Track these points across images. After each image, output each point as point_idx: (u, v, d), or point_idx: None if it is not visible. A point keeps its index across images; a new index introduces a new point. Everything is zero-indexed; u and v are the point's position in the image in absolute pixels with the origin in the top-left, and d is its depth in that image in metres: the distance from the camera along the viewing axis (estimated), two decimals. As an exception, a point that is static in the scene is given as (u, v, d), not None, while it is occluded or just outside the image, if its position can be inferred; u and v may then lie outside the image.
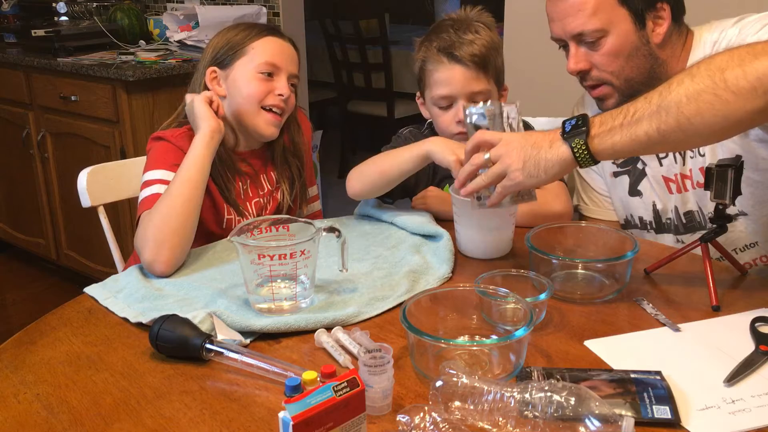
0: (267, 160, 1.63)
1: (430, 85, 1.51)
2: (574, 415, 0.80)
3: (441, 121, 1.52)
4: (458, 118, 1.48)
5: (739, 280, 1.25)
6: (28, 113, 3.18)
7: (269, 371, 0.96)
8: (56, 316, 1.17)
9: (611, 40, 1.34)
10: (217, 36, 1.59)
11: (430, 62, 1.50)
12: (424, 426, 0.79)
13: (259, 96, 1.51)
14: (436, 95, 1.50)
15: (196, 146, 1.42)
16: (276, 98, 1.52)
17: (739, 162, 1.15)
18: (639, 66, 1.37)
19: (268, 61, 1.52)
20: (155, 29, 3.41)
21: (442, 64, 1.48)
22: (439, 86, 1.49)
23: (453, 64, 1.47)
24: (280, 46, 1.55)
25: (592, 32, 1.34)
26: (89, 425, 0.89)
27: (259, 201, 1.60)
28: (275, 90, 1.52)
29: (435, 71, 1.49)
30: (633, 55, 1.36)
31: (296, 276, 1.13)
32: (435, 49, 1.49)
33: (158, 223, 1.32)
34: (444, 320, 1.07)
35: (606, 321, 1.12)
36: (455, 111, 1.49)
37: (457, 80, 1.47)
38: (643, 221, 1.54)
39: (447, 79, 1.48)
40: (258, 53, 1.52)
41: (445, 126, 1.52)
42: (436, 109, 1.53)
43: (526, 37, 2.42)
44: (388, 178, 1.45)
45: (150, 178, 1.45)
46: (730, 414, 0.88)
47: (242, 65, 1.53)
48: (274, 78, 1.53)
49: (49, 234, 3.33)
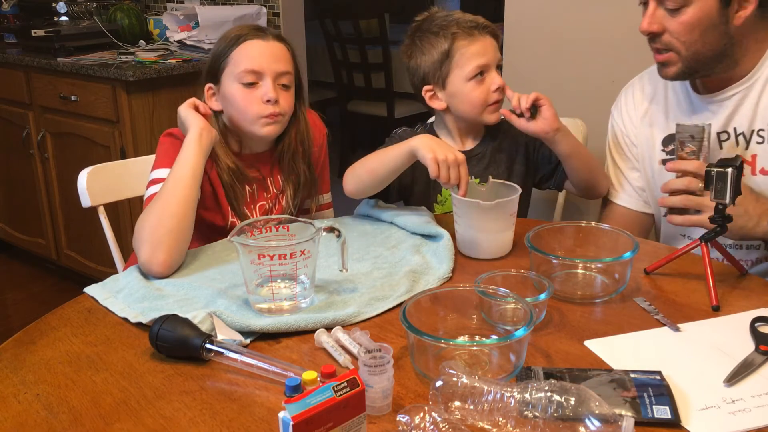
0: (274, 164, 1.61)
1: (463, 62, 1.53)
2: (574, 415, 0.80)
3: (476, 94, 1.54)
4: (496, 85, 1.54)
5: (739, 280, 1.25)
6: (28, 113, 3.18)
7: (269, 371, 0.96)
8: (56, 316, 1.17)
9: (692, 11, 1.33)
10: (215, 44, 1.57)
11: (460, 38, 1.53)
12: (424, 426, 0.79)
13: (247, 109, 1.48)
14: (474, 66, 1.52)
15: (187, 146, 1.42)
16: (264, 106, 1.48)
17: (738, 162, 1.15)
18: (712, 42, 1.35)
19: (248, 69, 1.47)
20: (155, 29, 3.41)
21: (475, 37, 1.53)
22: (476, 58, 1.53)
23: (484, 35, 1.54)
24: (259, 49, 1.49)
25: None
26: (89, 425, 0.89)
27: (264, 204, 1.59)
28: (262, 97, 1.47)
29: (470, 45, 1.53)
30: (709, 31, 1.34)
31: (296, 276, 1.13)
32: (463, 27, 1.53)
33: (153, 225, 1.32)
34: (444, 320, 1.07)
35: (606, 321, 1.12)
36: (489, 80, 1.54)
37: (490, 49, 1.54)
38: None
39: (482, 49, 1.53)
40: (237, 63, 1.48)
41: (483, 97, 1.54)
42: (469, 85, 1.54)
43: (526, 37, 2.42)
44: (377, 176, 1.46)
45: (156, 177, 1.45)
46: (730, 414, 0.88)
47: (227, 78, 1.50)
48: (258, 84, 1.48)
49: (49, 234, 3.33)
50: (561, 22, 2.31)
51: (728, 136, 1.45)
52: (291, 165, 1.60)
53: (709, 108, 1.46)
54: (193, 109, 1.48)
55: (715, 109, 1.45)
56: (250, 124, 1.50)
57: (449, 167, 1.32)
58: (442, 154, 1.32)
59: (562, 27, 2.32)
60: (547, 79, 2.38)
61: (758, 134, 1.42)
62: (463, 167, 1.34)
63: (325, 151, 1.71)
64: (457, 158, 1.33)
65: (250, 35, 1.50)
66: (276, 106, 1.48)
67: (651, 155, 1.56)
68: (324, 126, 1.70)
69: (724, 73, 1.41)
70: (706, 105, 1.46)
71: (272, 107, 1.48)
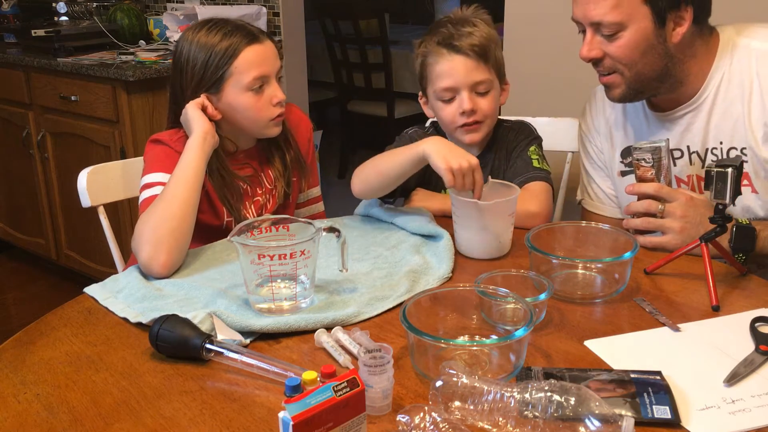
0: (263, 156, 1.62)
1: (433, 79, 1.52)
2: (574, 415, 0.80)
3: (444, 114, 1.53)
4: (462, 109, 1.49)
5: (739, 280, 1.25)
6: (28, 113, 3.18)
7: (269, 371, 0.96)
8: (56, 316, 1.17)
9: (628, 35, 1.34)
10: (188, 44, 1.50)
11: (431, 56, 1.51)
12: (424, 426, 0.79)
13: (259, 115, 1.49)
14: (439, 88, 1.51)
15: (190, 148, 1.42)
16: (274, 109, 1.50)
17: (739, 162, 1.15)
18: (652, 63, 1.36)
19: (256, 76, 1.47)
20: (155, 29, 3.41)
21: (443, 56, 1.50)
22: (441, 78, 1.50)
23: (453, 55, 1.49)
24: (259, 53, 1.49)
25: (610, 24, 1.33)
26: (89, 425, 0.89)
27: (258, 200, 1.60)
28: (272, 99, 1.49)
29: (436, 64, 1.50)
30: (648, 53, 1.35)
31: (296, 276, 1.13)
32: (435, 43, 1.51)
33: (154, 225, 1.32)
34: (444, 320, 1.07)
35: (606, 321, 1.12)
36: (458, 103, 1.50)
37: (459, 70, 1.49)
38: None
39: (449, 70, 1.49)
40: (244, 71, 1.47)
41: (449, 119, 1.53)
42: (439, 104, 1.53)
43: (526, 37, 2.42)
44: (386, 178, 1.45)
45: (150, 181, 1.45)
46: (730, 414, 0.88)
47: (232, 87, 1.48)
48: (265, 87, 1.49)
49: (49, 234, 3.33)
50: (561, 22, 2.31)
51: (682, 153, 1.46)
52: (280, 153, 1.62)
53: (664, 125, 1.47)
54: (200, 109, 1.48)
55: (669, 126, 1.46)
56: (263, 128, 1.53)
57: (464, 175, 1.31)
58: (456, 162, 1.30)
59: (562, 27, 2.32)
60: (547, 79, 2.39)
61: (712, 152, 1.43)
62: (478, 172, 1.33)
63: (312, 144, 1.73)
64: (471, 164, 1.31)
65: (245, 42, 1.47)
66: (282, 105, 1.52)
67: (611, 165, 1.58)
68: (309, 120, 1.73)
69: (671, 93, 1.42)
70: (662, 122, 1.47)
71: (280, 108, 1.51)
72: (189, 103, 1.49)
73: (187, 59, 1.50)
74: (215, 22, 1.52)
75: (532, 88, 2.40)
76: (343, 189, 1.52)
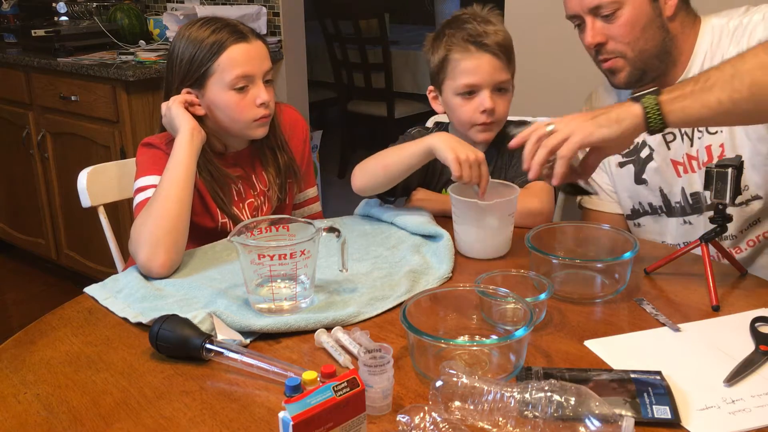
0: (255, 159, 1.61)
1: (455, 75, 1.51)
2: (574, 415, 0.80)
3: (463, 111, 1.52)
4: (483, 107, 1.49)
5: (739, 280, 1.25)
6: (28, 113, 3.18)
7: (269, 371, 0.96)
8: (56, 316, 1.17)
9: (627, 10, 1.38)
10: (180, 40, 1.50)
11: (456, 51, 1.50)
12: (424, 426, 0.79)
13: (240, 115, 1.48)
14: (462, 84, 1.50)
15: (179, 147, 1.41)
16: (257, 110, 1.48)
17: (739, 162, 1.15)
18: (653, 38, 1.41)
19: (239, 75, 1.45)
20: (155, 29, 3.41)
21: (470, 53, 1.49)
22: (466, 75, 1.49)
23: (481, 53, 1.48)
24: (246, 52, 1.46)
25: (609, 3, 1.38)
26: (89, 425, 0.89)
27: (252, 202, 1.60)
28: (255, 100, 1.47)
29: (463, 60, 1.49)
30: (648, 27, 1.40)
31: (296, 276, 1.13)
32: (461, 39, 1.49)
33: (151, 226, 1.32)
34: (444, 320, 1.07)
35: (606, 321, 1.12)
36: (479, 101, 1.50)
37: (485, 69, 1.48)
38: (653, 206, 1.57)
39: (475, 67, 1.48)
40: (227, 70, 1.45)
41: (467, 117, 1.52)
42: (457, 99, 1.52)
43: (526, 37, 2.42)
44: (391, 172, 1.45)
45: (143, 185, 1.45)
46: (730, 414, 0.88)
47: (214, 84, 1.46)
48: (250, 88, 1.47)
49: (49, 234, 3.33)
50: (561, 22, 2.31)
51: (674, 136, 1.49)
52: (272, 156, 1.61)
53: None
54: (183, 107, 1.47)
55: None
56: (244, 128, 1.51)
57: (471, 166, 1.32)
58: (463, 153, 1.31)
59: (562, 27, 2.32)
60: (548, 79, 2.38)
61: (698, 130, 1.46)
62: (484, 166, 1.33)
63: (308, 146, 1.72)
64: (477, 157, 1.32)
65: (232, 40, 1.46)
66: (267, 107, 1.49)
67: (608, 160, 1.59)
68: (305, 121, 1.72)
69: (667, 74, 1.46)
70: None
71: (264, 110, 1.49)
72: (171, 99, 1.47)
73: (177, 54, 1.50)
74: (209, 19, 1.51)
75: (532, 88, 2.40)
76: (343, 189, 1.52)
